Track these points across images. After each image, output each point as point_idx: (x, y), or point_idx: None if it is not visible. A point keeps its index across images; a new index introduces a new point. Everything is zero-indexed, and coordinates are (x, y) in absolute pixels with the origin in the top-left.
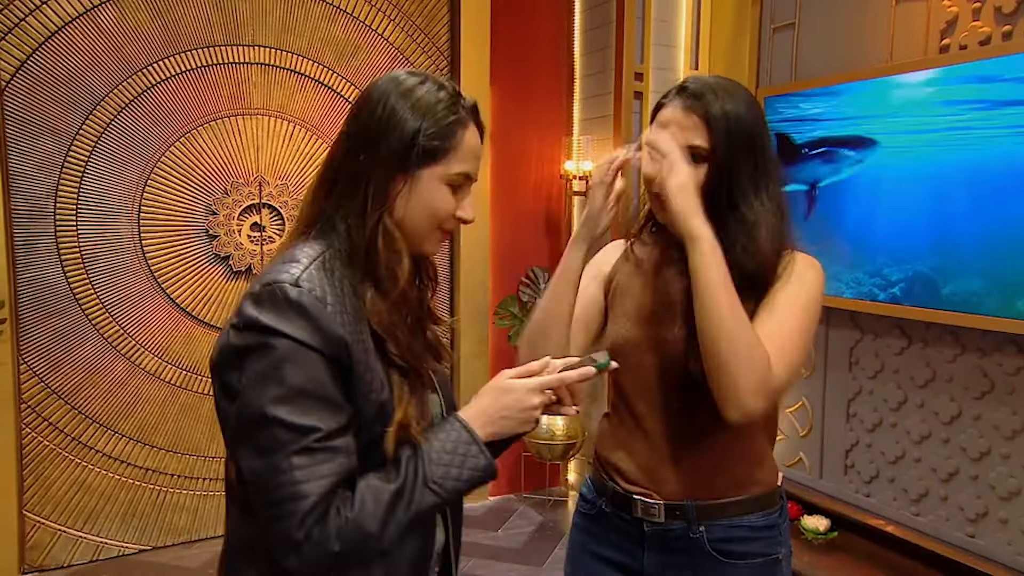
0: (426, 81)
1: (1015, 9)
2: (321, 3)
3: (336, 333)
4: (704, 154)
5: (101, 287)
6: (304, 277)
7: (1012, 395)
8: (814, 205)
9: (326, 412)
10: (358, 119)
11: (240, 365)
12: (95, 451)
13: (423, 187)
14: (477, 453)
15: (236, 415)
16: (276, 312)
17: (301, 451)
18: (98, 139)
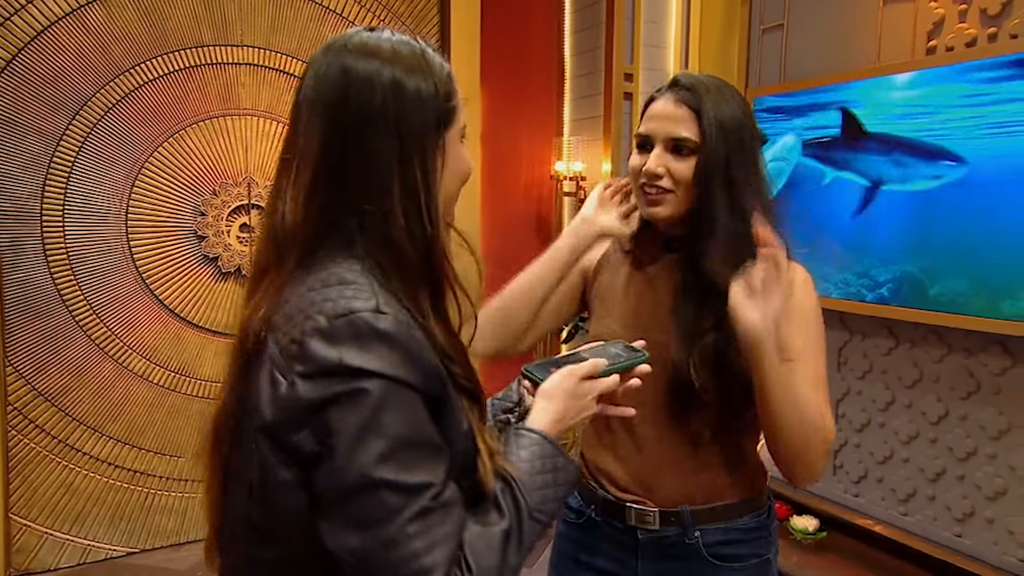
0: (392, 36)
1: (1000, 12)
2: (310, 3)
3: (431, 362)
4: (692, 147)
5: (88, 288)
6: (383, 302)
7: (998, 395)
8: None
9: (433, 461)
10: (350, 106)
11: (320, 422)
12: (82, 453)
13: (452, 152)
14: (565, 464)
15: (323, 485)
16: (362, 348)
17: (417, 516)
18: (85, 139)
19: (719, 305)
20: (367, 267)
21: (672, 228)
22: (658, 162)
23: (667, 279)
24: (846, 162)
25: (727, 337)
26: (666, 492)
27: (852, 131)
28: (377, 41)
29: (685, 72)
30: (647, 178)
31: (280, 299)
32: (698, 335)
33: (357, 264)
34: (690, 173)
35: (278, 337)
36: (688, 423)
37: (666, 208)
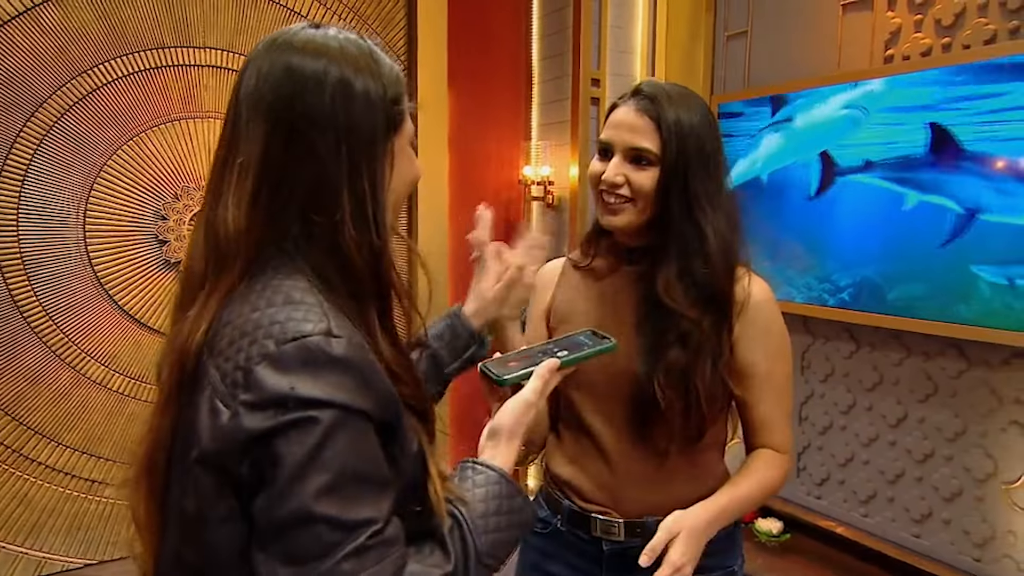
0: (339, 33)
1: (953, 23)
2: (274, 5)
3: (386, 388)
4: (651, 158)
5: (44, 294)
6: (335, 324)
7: (954, 398)
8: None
9: (378, 496)
10: (296, 108)
11: (262, 452)
12: (37, 463)
13: (400, 158)
14: (523, 506)
15: (260, 515)
16: (315, 376)
17: (353, 554)
18: (40, 142)
19: (681, 320)
20: (314, 283)
21: (631, 239)
22: (617, 171)
23: (628, 293)
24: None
25: (691, 352)
26: (631, 503)
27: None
28: (324, 39)
29: (650, 80)
30: (606, 186)
31: (221, 316)
32: (662, 350)
33: (303, 280)
34: (650, 184)
35: (219, 363)
36: (653, 437)
37: (623, 218)
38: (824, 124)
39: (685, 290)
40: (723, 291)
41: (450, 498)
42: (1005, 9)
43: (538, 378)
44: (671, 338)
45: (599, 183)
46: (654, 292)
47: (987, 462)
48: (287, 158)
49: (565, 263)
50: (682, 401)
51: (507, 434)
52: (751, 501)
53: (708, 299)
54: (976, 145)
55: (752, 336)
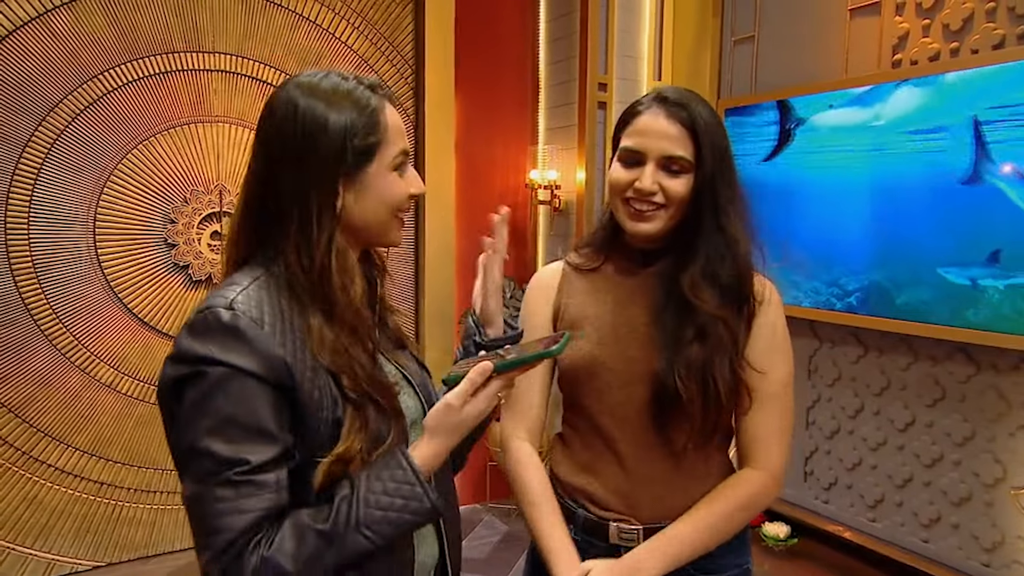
0: (328, 76)
1: (961, 27)
2: (283, 10)
3: (275, 354)
4: (684, 165)
5: (54, 297)
6: (240, 299)
7: (963, 402)
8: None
9: (257, 443)
10: (272, 137)
11: (177, 396)
12: (47, 465)
13: (372, 185)
14: (420, 496)
15: (173, 444)
16: (208, 339)
17: (226, 483)
18: (51, 146)
19: (699, 316)
20: (264, 275)
21: (652, 243)
22: (654, 179)
23: (643, 294)
24: None
25: (710, 347)
26: (648, 508)
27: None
28: (317, 79)
29: (668, 86)
30: (638, 194)
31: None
32: (681, 346)
33: (258, 271)
34: (683, 191)
35: None
36: (670, 437)
37: (655, 224)
38: (834, 128)
39: (710, 290)
40: (745, 291)
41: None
42: (1013, 14)
43: (467, 381)
44: (690, 334)
45: (626, 190)
46: (676, 291)
47: (996, 467)
48: (264, 179)
49: (564, 268)
50: (702, 396)
51: (430, 431)
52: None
53: (730, 298)
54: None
55: (761, 335)
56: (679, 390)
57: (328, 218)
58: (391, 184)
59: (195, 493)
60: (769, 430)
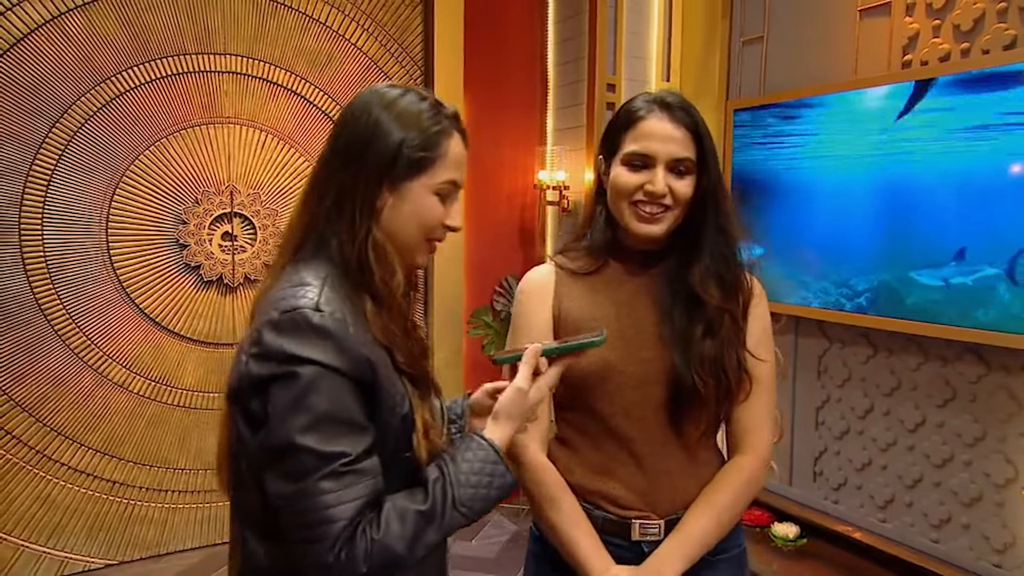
0: (407, 92)
1: (972, 28)
2: (294, 12)
3: (360, 353)
4: (689, 167)
5: (67, 297)
6: (323, 301)
7: (973, 403)
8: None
9: (352, 436)
10: (341, 134)
11: (264, 394)
12: (60, 464)
13: (411, 198)
14: (503, 472)
15: (262, 443)
16: (300, 339)
17: (329, 476)
18: (65, 147)
19: (707, 313)
20: (330, 271)
21: (651, 244)
22: (665, 182)
23: (647, 295)
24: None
25: (720, 341)
26: (667, 501)
27: None
28: (396, 94)
29: (666, 90)
30: (649, 197)
31: (275, 279)
32: (692, 342)
33: (323, 269)
34: (689, 192)
35: (250, 326)
36: (684, 430)
37: (663, 226)
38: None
39: (715, 285)
40: (742, 285)
41: (443, 456)
42: None
43: (525, 365)
44: (700, 331)
45: (634, 193)
46: (683, 290)
47: (1007, 467)
48: (327, 168)
49: (557, 271)
50: (716, 388)
51: (504, 415)
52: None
53: (731, 293)
54: None
55: (755, 327)
56: (697, 385)
57: (366, 215)
58: (430, 206)
59: (296, 490)
60: (761, 417)
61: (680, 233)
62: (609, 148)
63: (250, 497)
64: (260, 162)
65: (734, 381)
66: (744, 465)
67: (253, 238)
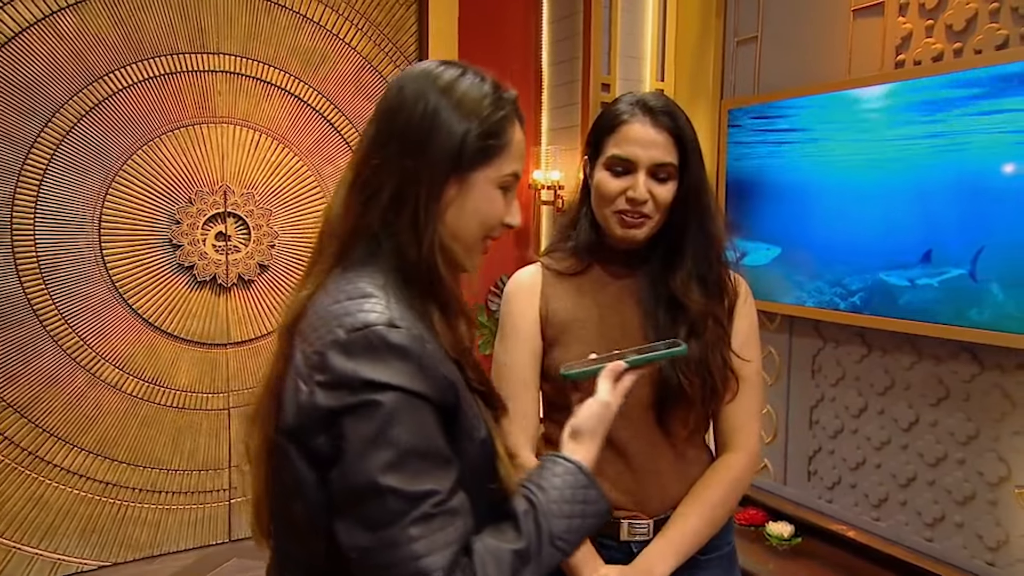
0: (465, 73)
1: (965, 28)
2: (287, 12)
3: (442, 373)
4: (671, 172)
5: (60, 297)
6: (396, 315)
7: (967, 402)
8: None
9: (440, 471)
10: (394, 120)
11: (336, 429)
12: (53, 465)
13: (475, 192)
14: (597, 498)
15: (336, 486)
16: (376, 361)
17: (419, 520)
18: (57, 147)
19: (690, 314)
20: (389, 279)
21: (634, 246)
22: (646, 188)
23: (631, 296)
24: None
25: (705, 342)
26: (655, 501)
27: None
28: (453, 77)
29: (651, 92)
30: (631, 204)
31: (313, 300)
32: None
33: (380, 276)
34: (669, 197)
35: (303, 346)
36: (671, 430)
37: (645, 231)
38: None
39: (698, 289)
40: (726, 287)
41: (527, 484)
42: (1017, 14)
43: (605, 380)
44: (683, 332)
45: (616, 199)
46: (665, 292)
47: (1000, 466)
48: (379, 158)
49: (543, 272)
50: (702, 388)
51: (588, 433)
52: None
53: (714, 294)
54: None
55: (741, 326)
56: (683, 386)
57: (432, 213)
58: (493, 200)
59: (380, 539)
60: (749, 415)
61: (663, 235)
62: (593, 150)
63: (309, 547)
64: (254, 162)
65: (720, 381)
66: (732, 463)
67: (247, 238)
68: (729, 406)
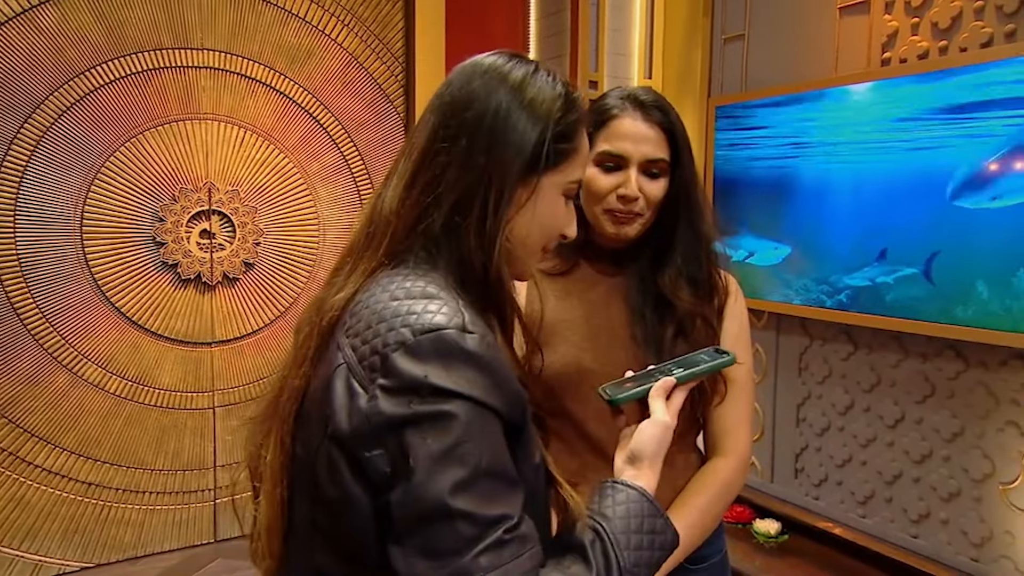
0: (537, 71)
1: (950, 25)
2: (273, 7)
3: (515, 388)
4: (663, 168)
5: (41, 296)
6: (470, 320)
7: (952, 399)
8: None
9: (511, 493)
10: (462, 115)
11: (398, 441)
12: (34, 466)
13: (543, 195)
14: (665, 527)
15: (397, 508)
16: (449, 368)
17: (492, 547)
18: (37, 143)
19: (678, 313)
20: (450, 282)
21: (626, 244)
22: (637, 184)
23: (619, 295)
24: None
25: (692, 342)
26: None
27: None
28: (516, 69)
29: (641, 87)
30: (622, 201)
31: (362, 295)
32: (665, 344)
33: (441, 277)
34: (661, 194)
35: (355, 343)
36: None
37: (635, 228)
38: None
39: (687, 288)
40: (715, 286)
41: (591, 514)
42: (1001, 12)
43: (657, 400)
44: (671, 332)
45: (606, 197)
46: (653, 291)
47: (985, 462)
48: (444, 154)
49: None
50: (689, 392)
51: (649, 458)
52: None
53: (703, 293)
54: None
55: (731, 327)
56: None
57: (502, 217)
58: (559, 208)
59: (450, 568)
60: (739, 417)
61: (653, 232)
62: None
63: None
64: (239, 159)
65: (708, 384)
66: (721, 467)
67: (232, 236)
68: (718, 409)
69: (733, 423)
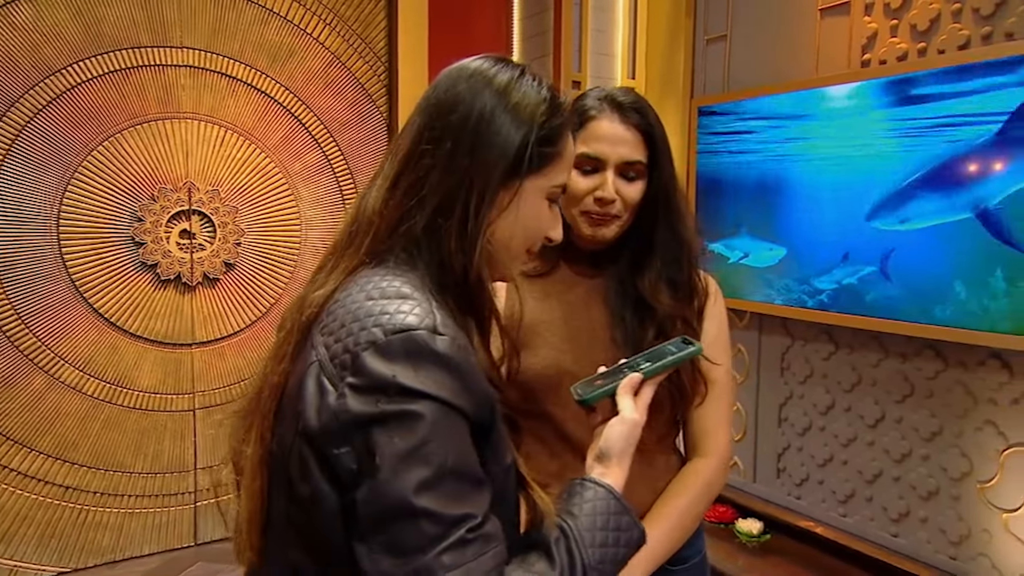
0: (522, 76)
1: (928, 28)
2: (254, 6)
3: (484, 390)
4: (640, 170)
5: (16, 296)
6: (441, 321)
7: (931, 398)
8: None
9: (477, 493)
10: (447, 118)
11: (364, 439)
12: (9, 470)
13: (526, 199)
14: (631, 524)
15: (362, 506)
16: (417, 368)
17: (453, 546)
18: (13, 142)
19: (658, 315)
20: (426, 284)
21: (604, 246)
22: (614, 187)
23: (598, 297)
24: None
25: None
26: None
27: None
28: (501, 73)
29: (620, 88)
30: (599, 204)
31: (339, 294)
32: (646, 345)
33: (418, 278)
34: (638, 197)
35: (328, 341)
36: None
37: (612, 230)
38: (801, 126)
39: (667, 290)
40: (695, 288)
41: (558, 512)
42: (978, 15)
43: (625, 396)
44: (651, 334)
45: (583, 200)
46: (632, 293)
47: (963, 461)
48: (429, 156)
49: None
50: (671, 392)
51: (617, 455)
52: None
53: (683, 295)
54: None
55: (711, 328)
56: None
57: (484, 219)
58: (543, 211)
59: (413, 566)
60: (718, 418)
61: (631, 234)
62: None
63: (325, 570)
64: (219, 158)
65: (688, 384)
66: (701, 468)
67: (212, 236)
68: (698, 410)
69: (713, 424)
